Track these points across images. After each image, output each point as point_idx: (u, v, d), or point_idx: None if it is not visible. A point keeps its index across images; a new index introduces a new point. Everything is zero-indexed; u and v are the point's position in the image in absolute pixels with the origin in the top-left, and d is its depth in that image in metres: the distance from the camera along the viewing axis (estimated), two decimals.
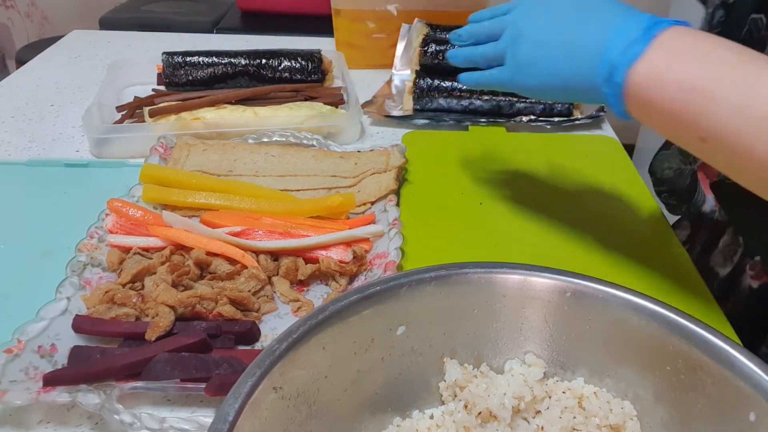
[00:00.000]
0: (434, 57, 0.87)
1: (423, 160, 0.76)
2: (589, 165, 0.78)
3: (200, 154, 0.73)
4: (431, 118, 0.86)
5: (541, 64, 0.51)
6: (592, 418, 0.39)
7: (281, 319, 0.53)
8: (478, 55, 0.57)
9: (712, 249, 0.66)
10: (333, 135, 0.81)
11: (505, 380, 0.41)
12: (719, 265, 0.64)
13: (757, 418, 0.34)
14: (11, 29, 2.44)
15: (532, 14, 0.53)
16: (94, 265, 0.55)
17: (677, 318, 0.38)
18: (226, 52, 0.90)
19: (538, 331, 0.42)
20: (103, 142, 0.76)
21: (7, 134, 0.82)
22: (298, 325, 0.36)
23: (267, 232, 0.59)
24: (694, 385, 0.37)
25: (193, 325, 0.50)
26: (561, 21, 0.50)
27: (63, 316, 0.49)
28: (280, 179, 0.70)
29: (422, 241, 0.62)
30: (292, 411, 0.35)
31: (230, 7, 1.79)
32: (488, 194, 0.71)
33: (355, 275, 0.57)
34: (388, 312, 0.40)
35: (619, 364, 0.40)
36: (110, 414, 0.41)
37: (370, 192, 0.67)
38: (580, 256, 0.61)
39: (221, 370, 0.45)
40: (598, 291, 0.40)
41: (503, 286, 0.42)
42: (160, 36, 1.19)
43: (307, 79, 0.91)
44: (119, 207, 0.60)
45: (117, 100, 0.87)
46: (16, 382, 0.43)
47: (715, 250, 0.65)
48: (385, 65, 1.01)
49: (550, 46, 0.50)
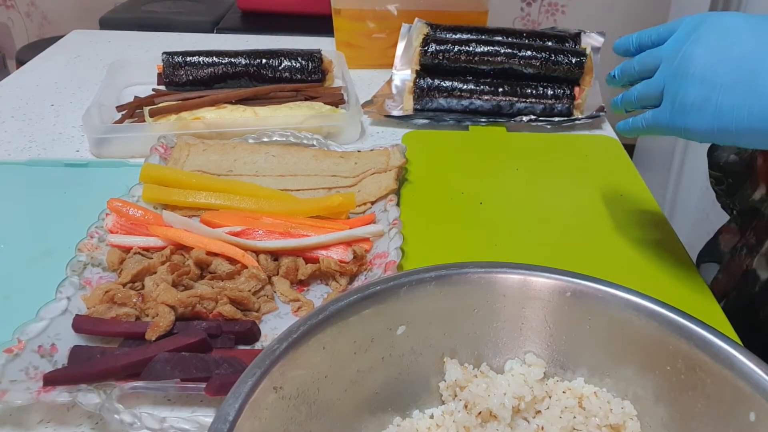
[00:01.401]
0: (434, 57, 0.87)
1: (423, 160, 0.76)
2: (589, 165, 0.78)
3: (200, 153, 0.73)
4: (431, 117, 0.86)
5: (711, 107, 0.43)
6: (592, 418, 0.39)
7: (281, 318, 0.53)
8: (633, 98, 0.50)
9: (756, 251, 0.64)
10: (333, 135, 0.81)
11: (505, 380, 0.41)
12: (762, 268, 0.62)
13: (757, 418, 0.34)
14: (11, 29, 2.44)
15: (695, 41, 0.44)
16: (94, 264, 0.55)
17: (677, 318, 0.38)
18: (227, 52, 0.90)
19: (538, 331, 0.42)
20: (103, 141, 0.76)
21: (7, 134, 0.82)
22: (298, 325, 0.36)
23: (267, 231, 0.59)
24: (694, 385, 0.37)
25: (193, 325, 0.50)
26: (734, 48, 0.42)
27: (63, 316, 0.49)
28: (280, 179, 0.70)
29: (422, 241, 0.62)
30: (292, 411, 0.35)
31: (230, 7, 1.79)
32: (488, 194, 0.71)
33: (355, 275, 0.57)
34: (388, 312, 0.40)
35: (619, 364, 0.40)
36: (110, 414, 0.41)
37: (370, 192, 0.67)
38: (580, 256, 0.61)
39: (221, 370, 0.45)
40: (598, 291, 0.40)
41: (503, 286, 0.42)
42: (160, 36, 1.19)
43: (308, 79, 0.91)
44: (119, 207, 0.60)
45: (117, 100, 0.87)
46: (17, 381, 0.43)
47: (759, 253, 0.64)
48: (385, 65, 1.01)
49: (721, 84, 0.42)
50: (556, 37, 0.91)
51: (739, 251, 0.67)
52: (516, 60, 0.85)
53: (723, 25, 0.44)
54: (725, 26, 0.44)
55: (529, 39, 0.89)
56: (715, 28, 0.44)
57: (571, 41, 0.91)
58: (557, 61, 0.86)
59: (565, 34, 0.92)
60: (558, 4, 2.28)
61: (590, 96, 0.89)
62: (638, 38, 0.50)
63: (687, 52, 0.44)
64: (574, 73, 0.87)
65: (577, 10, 2.27)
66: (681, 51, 0.45)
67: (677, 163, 1.68)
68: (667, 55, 0.46)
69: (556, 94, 0.86)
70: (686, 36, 0.45)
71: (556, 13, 2.30)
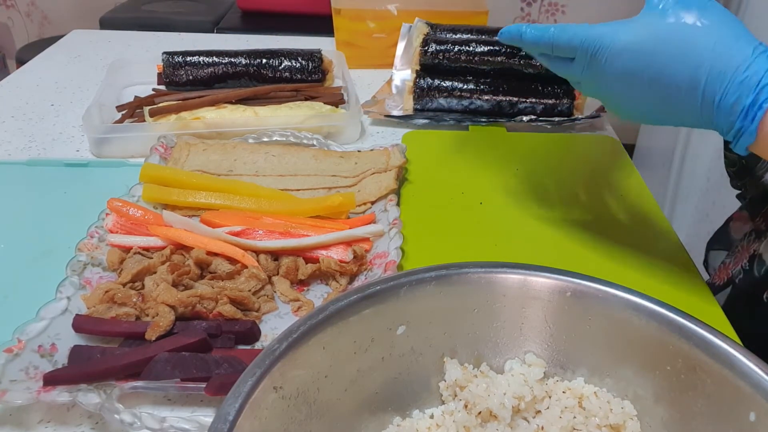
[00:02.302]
0: (434, 57, 0.87)
1: (423, 160, 0.76)
2: (590, 165, 0.78)
3: (200, 153, 0.73)
4: (431, 117, 0.86)
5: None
6: (592, 418, 0.39)
7: (281, 318, 0.53)
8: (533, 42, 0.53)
9: (764, 236, 0.65)
10: (333, 135, 0.81)
11: (505, 380, 0.41)
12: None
13: (757, 418, 0.34)
14: (11, 29, 2.44)
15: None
16: (94, 264, 0.55)
17: (677, 318, 0.38)
18: (227, 52, 0.90)
19: (538, 331, 0.42)
20: (103, 141, 0.76)
21: (7, 134, 0.82)
22: (298, 324, 0.36)
23: (267, 231, 0.59)
24: (694, 385, 0.37)
25: (193, 325, 0.50)
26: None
27: (63, 316, 0.49)
28: (280, 179, 0.70)
29: (422, 241, 0.62)
30: (292, 411, 0.35)
31: (230, 7, 1.79)
32: (488, 194, 0.71)
33: (355, 275, 0.57)
34: (388, 312, 0.40)
35: (619, 364, 0.40)
36: (110, 413, 0.41)
37: (371, 192, 0.67)
38: (580, 256, 0.61)
39: (221, 369, 0.45)
40: (598, 291, 0.40)
41: (503, 286, 0.42)
42: (161, 36, 1.19)
43: (308, 79, 0.91)
44: (119, 206, 0.60)
45: (117, 99, 0.87)
46: (17, 381, 0.43)
47: (767, 238, 0.64)
48: (386, 65, 1.01)
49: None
50: None
51: (748, 236, 0.67)
52: (516, 60, 0.85)
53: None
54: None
55: None
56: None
57: None
58: None
59: None
60: (558, 4, 2.28)
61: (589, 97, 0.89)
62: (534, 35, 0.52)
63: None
64: None
65: (577, 10, 2.27)
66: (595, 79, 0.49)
67: (677, 163, 1.68)
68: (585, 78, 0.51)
69: (556, 94, 0.86)
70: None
71: (556, 13, 2.30)
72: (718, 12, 0.45)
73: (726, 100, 0.43)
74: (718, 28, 0.44)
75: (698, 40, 0.43)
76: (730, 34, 0.43)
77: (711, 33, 0.44)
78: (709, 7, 0.45)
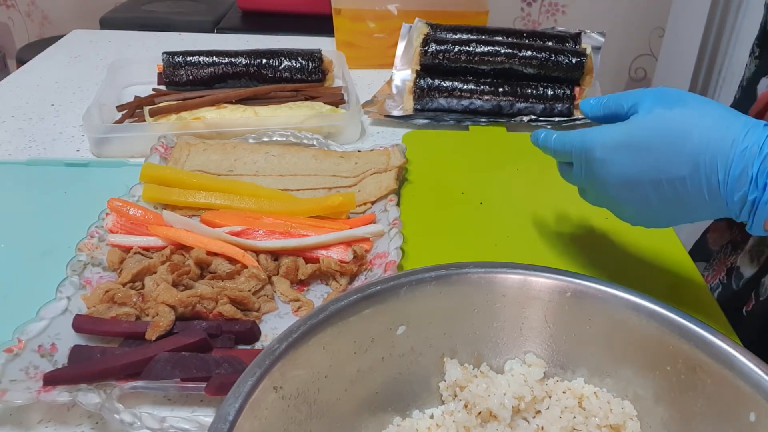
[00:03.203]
0: (434, 57, 0.87)
1: (423, 160, 0.76)
2: None
3: (200, 153, 0.73)
4: (431, 117, 0.86)
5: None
6: (592, 418, 0.39)
7: (281, 318, 0.53)
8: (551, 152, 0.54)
9: (741, 248, 0.65)
10: (333, 135, 0.81)
11: (505, 380, 0.41)
12: (745, 265, 0.63)
13: (757, 418, 0.34)
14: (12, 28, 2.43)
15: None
16: (94, 264, 0.55)
17: (677, 318, 0.38)
18: (227, 52, 0.90)
19: (538, 331, 0.42)
20: (103, 141, 0.76)
21: (8, 134, 0.82)
22: (299, 324, 0.36)
23: (267, 231, 0.59)
24: (694, 385, 0.37)
25: (193, 325, 0.50)
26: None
27: (63, 316, 0.49)
28: (280, 179, 0.70)
29: (422, 241, 0.62)
30: (293, 411, 0.35)
31: (231, 7, 1.79)
32: (488, 194, 0.71)
33: (355, 275, 0.57)
34: (388, 312, 0.40)
35: (619, 364, 0.40)
36: (110, 413, 0.41)
37: (371, 192, 0.67)
38: (580, 256, 0.61)
39: (221, 369, 0.45)
40: (598, 291, 0.40)
41: (503, 286, 0.42)
42: (161, 36, 1.19)
43: (308, 79, 0.91)
44: (119, 206, 0.60)
45: (117, 99, 0.87)
46: (17, 381, 0.43)
47: (744, 250, 0.64)
48: (386, 65, 1.01)
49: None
50: (557, 37, 0.91)
51: (725, 249, 0.67)
52: (516, 60, 0.85)
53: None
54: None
55: (530, 39, 0.89)
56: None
57: (571, 41, 0.91)
58: (557, 61, 0.86)
59: (566, 34, 0.92)
60: (558, 4, 2.27)
61: (590, 96, 0.89)
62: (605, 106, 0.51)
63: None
64: (574, 74, 0.87)
65: (577, 10, 2.27)
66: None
67: None
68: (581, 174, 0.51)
69: (556, 94, 0.86)
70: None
71: (557, 13, 2.29)
72: (701, 101, 0.45)
73: (731, 174, 0.41)
74: (706, 113, 0.43)
75: (690, 128, 0.43)
76: (719, 114, 0.43)
77: (701, 119, 0.43)
78: (690, 99, 0.45)
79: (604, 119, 0.50)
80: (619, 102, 0.49)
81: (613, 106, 0.49)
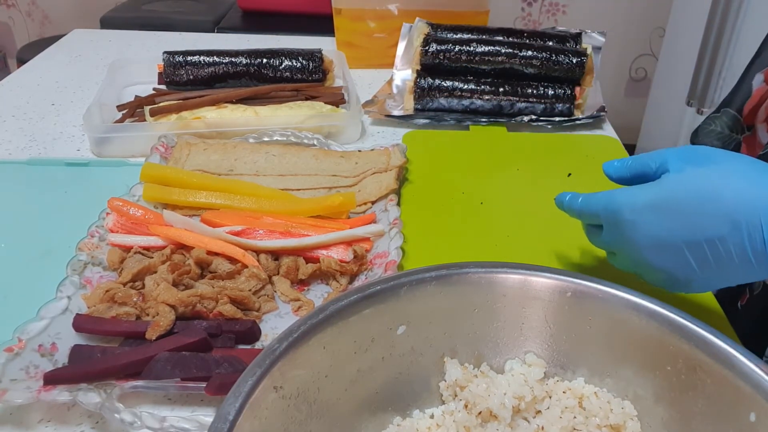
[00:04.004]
0: (435, 56, 0.87)
1: (424, 160, 0.76)
2: (590, 165, 0.78)
3: (201, 153, 0.73)
4: (432, 117, 0.86)
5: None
6: (592, 418, 0.39)
7: (282, 318, 0.53)
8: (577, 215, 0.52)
9: None
10: (334, 134, 0.81)
11: (506, 380, 0.41)
12: None
13: (757, 418, 0.34)
14: (12, 28, 2.44)
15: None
16: (94, 264, 0.55)
17: (677, 318, 0.38)
18: (227, 52, 0.90)
19: (538, 331, 0.42)
20: (103, 141, 0.76)
21: (8, 133, 0.82)
22: (299, 324, 0.36)
23: (267, 231, 0.59)
24: (694, 385, 0.37)
25: (193, 325, 0.50)
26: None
27: (63, 315, 0.49)
28: (280, 179, 0.70)
29: (422, 241, 0.62)
30: (293, 410, 0.35)
31: (231, 7, 1.79)
32: (488, 194, 0.71)
33: (355, 275, 0.57)
34: (388, 312, 0.40)
35: (619, 364, 0.40)
36: (111, 413, 0.41)
37: (371, 191, 0.67)
38: (580, 256, 0.61)
39: (221, 369, 0.45)
40: (598, 291, 0.40)
41: (503, 286, 0.42)
42: (161, 35, 1.19)
43: (308, 79, 0.91)
44: (120, 206, 0.60)
45: (118, 99, 0.87)
46: (17, 380, 0.43)
47: None
48: (386, 65, 1.01)
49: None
50: (557, 37, 0.91)
51: None
52: (517, 60, 0.85)
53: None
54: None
55: (530, 39, 0.89)
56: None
57: (572, 41, 0.91)
58: (558, 61, 0.86)
59: (566, 34, 0.92)
60: (559, 4, 2.28)
61: (591, 96, 0.89)
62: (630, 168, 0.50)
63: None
64: (574, 73, 0.87)
65: (578, 10, 2.27)
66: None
67: None
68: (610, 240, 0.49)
69: (556, 94, 0.86)
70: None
71: (557, 12, 2.30)
72: (728, 155, 0.43)
73: None
74: (737, 168, 0.42)
75: (723, 185, 0.41)
76: (751, 168, 0.42)
77: (733, 174, 0.42)
78: (719, 156, 0.43)
79: (630, 181, 0.49)
80: (644, 162, 0.47)
81: (639, 167, 0.48)
